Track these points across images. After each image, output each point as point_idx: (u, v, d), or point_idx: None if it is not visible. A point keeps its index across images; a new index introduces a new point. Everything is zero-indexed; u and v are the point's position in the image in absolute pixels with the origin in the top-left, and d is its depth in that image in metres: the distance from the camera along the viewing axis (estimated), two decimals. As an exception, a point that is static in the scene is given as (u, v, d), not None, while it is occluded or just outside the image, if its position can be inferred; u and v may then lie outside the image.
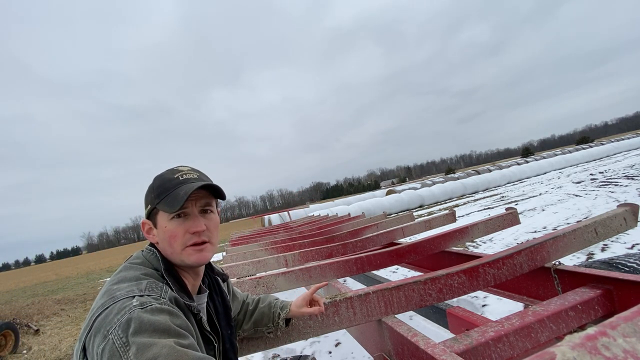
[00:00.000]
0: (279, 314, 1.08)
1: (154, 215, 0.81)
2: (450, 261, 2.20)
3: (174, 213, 0.76)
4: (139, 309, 0.60)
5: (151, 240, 0.83)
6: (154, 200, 0.79)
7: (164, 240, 0.79)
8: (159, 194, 0.78)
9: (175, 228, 0.77)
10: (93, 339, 0.60)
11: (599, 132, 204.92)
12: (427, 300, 1.30)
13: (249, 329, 1.11)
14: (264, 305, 1.12)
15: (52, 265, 58.24)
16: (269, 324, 1.09)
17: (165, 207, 0.76)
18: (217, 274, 0.99)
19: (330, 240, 3.32)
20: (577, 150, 29.19)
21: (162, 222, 0.79)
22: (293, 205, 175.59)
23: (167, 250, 0.79)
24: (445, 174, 43.23)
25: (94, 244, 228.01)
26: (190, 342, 0.62)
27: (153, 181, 0.83)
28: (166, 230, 0.78)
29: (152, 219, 0.82)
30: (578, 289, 1.27)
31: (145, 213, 0.83)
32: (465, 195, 17.18)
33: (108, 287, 0.70)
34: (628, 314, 0.53)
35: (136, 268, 0.75)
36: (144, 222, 0.83)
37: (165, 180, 0.80)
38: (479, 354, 1.01)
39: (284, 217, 17.14)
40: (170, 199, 0.76)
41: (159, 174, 0.84)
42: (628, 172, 10.37)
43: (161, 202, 0.77)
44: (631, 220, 1.69)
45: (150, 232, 0.82)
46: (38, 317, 7.08)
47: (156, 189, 0.80)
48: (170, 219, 0.78)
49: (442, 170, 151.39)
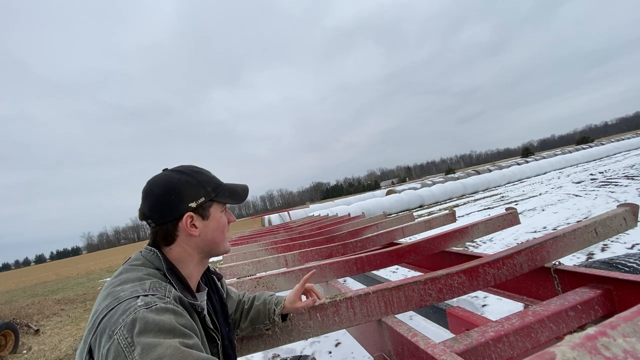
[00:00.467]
0: (274, 310, 1.09)
1: (204, 209, 0.83)
2: (450, 261, 2.20)
3: (235, 204, 0.89)
4: (144, 308, 0.61)
5: (193, 233, 0.81)
6: (211, 193, 0.84)
7: (216, 230, 0.85)
8: (215, 188, 0.86)
9: (224, 218, 0.88)
10: (99, 339, 0.60)
11: (599, 132, 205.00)
12: (427, 300, 1.30)
13: (246, 327, 1.11)
14: (259, 302, 1.12)
15: (52, 265, 58.24)
16: (266, 321, 1.09)
17: (230, 199, 0.88)
18: (213, 273, 1.01)
19: (330, 240, 3.31)
20: (577, 150, 29.20)
21: (217, 213, 0.86)
22: (293, 205, 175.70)
23: (218, 239, 0.86)
24: (445, 174, 43.24)
25: (94, 244, 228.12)
26: (194, 342, 0.62)
27: (195, 175, 0.84)
28: (221, 221, 0.87)
29: (200, 212, 0.82)
30: (578, 289, 1.27)
31: (188, 207, 0.80)
32: (465, 195, 17.18)
33: (111, 289, 0.69)
34: (628, 314, 0.53)
35: (138, 269, 0.75)
36: (190, 214, 0.80)
37: (211, 177, 0.88)
38: (479, 354, 1.01)
39: (284, 217, 17.15)
40: (232, 192, 0.88)
41: (195, 170, 0.86)
42: (628, 172, 10.37)
43: (220, 194, 0.86)
44: (631, 220, 1.68)
45: (193, 225, 0.81)
46: (38, 317, 7.08)
47: (208, 183, 0.85)
48: (221, 211, 0.88)
49: (442, 170, 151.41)
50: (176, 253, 0.82)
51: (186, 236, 0.81)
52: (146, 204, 0.81)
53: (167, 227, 0.80)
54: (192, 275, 0.84)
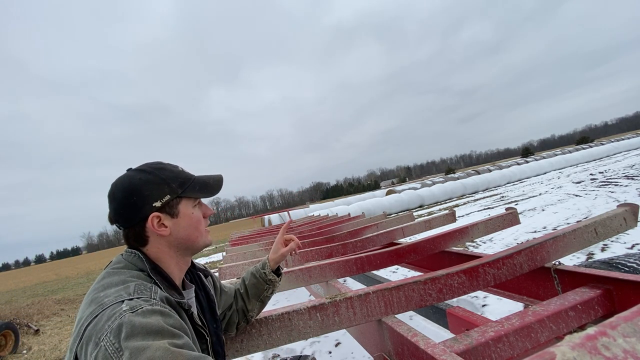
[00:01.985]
0: (264, 273, 1.12)
1: (171, 207, 0.80)
2: (450, 261, 2.20)
3: (208, 198, 0.86)
4: (130, 313, 0.59)
5: (162, 233, 0.79)
6: (177, 189, 0.80)
7: (189, 227, 0.82)
8: (182, 183, 0.81)
9: (199, 213, 0.86)
10: (85, 348, 0.58)
11: (599, 132, 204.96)
12: (427, 300, 1.30)
13: (254, 306, 1.12)
14: (249, 278, 1.14)
15: (52, 265, 58.22)
16: (265, 287, 1.12)
17: (200, 194, 0.84)
18: (199, 270, 0.99)
19: (330, 240, 3.32)
20: (577, 150, 29.20)
21: (188, 209, 0.83)
22: (293, 205, 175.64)
23: (192, 236, 0.83)
24: (445, 174, 43.24)
25: (94, 244, 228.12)
26: (184, 342, 0.61)
27: (158, 173, 0.80)
28: (193, 217, 0.83)
29: (167, 210, 0.79)
30: (578, 289, 1.27)
31: (153, 207, 0.77)
32: (465, 195, 17.18)
33: (94, 295, 0.67)
34: (628, 314, 0.53)
35: (120, 272, 0.73)
36: (156, 215, 0.77)
37: (177, 172, 0.83)
38: (479, 354, 1.01)
39: (284, 217, 17.15)
40: (202, 186, 0.84)
41: (158, 167, 0.82)
42: (628, 172, 10.38)
43: (188, 189, 0.82)
44: (631, 220, 1.69)
45: (161, 225, 0.79)
46: (38, 317, 7.07)
47: (173, 179, 0.80)
48: (194, 206, 0.84)
49: (442, 170, 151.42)
50: (153, 253, 0.80)
51: (157, 236, 0.79)
52: (111, 208, 0.79)
53: (136, 229, 0.78)
54: (173, 274, 0.82)
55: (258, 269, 1.14)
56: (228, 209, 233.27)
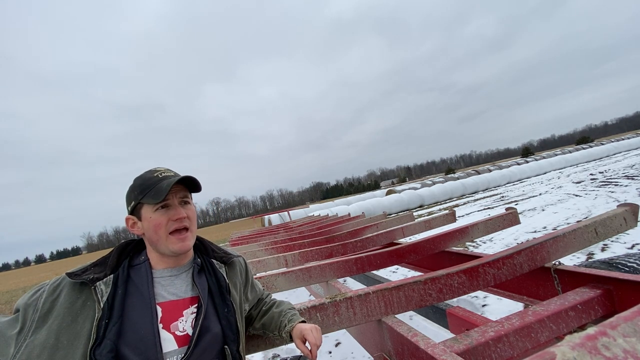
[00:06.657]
0: (285, 324, 1.07)
1: (137, 211, 0.90)
2: (450, 261, 2.20)
3: (159, 204, 0.87)
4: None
5: (136, 232, 0.92)
6: (138, 196, 0.89)
7: (149, 230, 0.88)
8: (142, 190, 0.89)
9: (159, 217, 0.88)
10: None
11: (599, 132, 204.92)
12: (427, 300, 1.30)
13: (259, 328, 1.12)
14: (277, 310, 1.12)
15: (52, 265, 58.19)
16: (275, 332, 1.09)
17: (150, 199, 0.86)
18: (214, 257, 1.03)
19: (330, 240, 3.32)
20: (577, 150, 29.21)
21: (147, 214, 0.88)
22: (293, 205, 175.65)
23: (153, 238, 0.89)
24: (445, 174, 43.24)
25: (94, 244, 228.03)
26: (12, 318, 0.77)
27: (133, 182, 0.93)
28: (151, 220, 0.88)
29: (137, 214, 0.91)
30: (578, 289, 1.27)
31: (128, 210, 0.92)
32: (465, 195, 17.18)
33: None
34: (628, 314, 0.53)
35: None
36: (128, 217, 0.92)
37: (146, 179, 0.91)
38: (479, 354, 1.01)
39: (284, 217, 17.15)
40: (154, 192, 0.87)
41: (138, 175, 0.94)
42: (628, 172, 10.38)
43: (145, 196, 0.87)
44: (631, 220, 1.69)
45: (135, 225, 0.91)
46: (38, 317, 7.06)
47: (138, 186, 0.90)
48: (154, 210, 0.88)
49: (442, 170, 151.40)
50: (146, 243, 0.94)
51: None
52: None
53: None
54: (153, 260, 0.92)
55: (286, 316, 1.08)
56: (228, 209, 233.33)
